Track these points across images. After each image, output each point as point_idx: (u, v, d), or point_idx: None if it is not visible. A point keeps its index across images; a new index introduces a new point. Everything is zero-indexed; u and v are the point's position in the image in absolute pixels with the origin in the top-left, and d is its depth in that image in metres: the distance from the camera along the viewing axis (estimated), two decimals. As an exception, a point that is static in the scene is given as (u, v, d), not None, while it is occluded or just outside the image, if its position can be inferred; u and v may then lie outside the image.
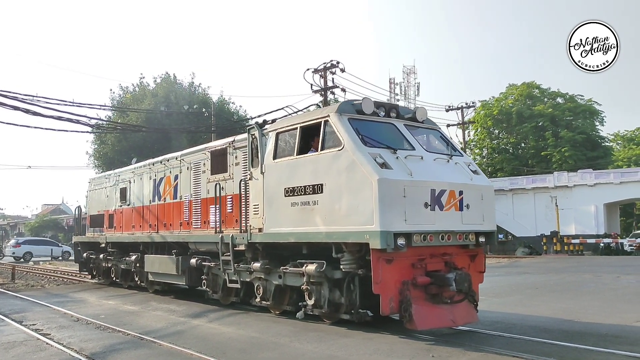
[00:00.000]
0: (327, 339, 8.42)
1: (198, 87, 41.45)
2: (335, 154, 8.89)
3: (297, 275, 9.84)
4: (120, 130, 33.78)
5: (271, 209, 10.06)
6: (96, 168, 39.25)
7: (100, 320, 10.50)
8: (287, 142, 10.05)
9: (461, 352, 7.44)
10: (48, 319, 11.11)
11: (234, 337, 8.80)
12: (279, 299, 10.67)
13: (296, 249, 9.99)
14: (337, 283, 9.34)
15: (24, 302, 14.08)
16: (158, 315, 11.33)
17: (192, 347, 7.93)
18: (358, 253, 8.81)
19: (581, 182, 41.77)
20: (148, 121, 34.54)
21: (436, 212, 8.61)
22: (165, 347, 8.07)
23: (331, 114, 9.20)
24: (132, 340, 8.71)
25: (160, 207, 14.32)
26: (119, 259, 16.20)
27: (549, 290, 15.03)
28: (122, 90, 40.49)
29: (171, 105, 36.34)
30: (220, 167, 12.10)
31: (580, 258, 33.40)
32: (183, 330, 9.53)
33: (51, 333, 9.41)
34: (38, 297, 15.01)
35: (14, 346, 8.38)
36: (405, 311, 8.27)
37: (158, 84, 39.98)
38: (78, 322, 10.69)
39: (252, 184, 10.62)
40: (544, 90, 51.05)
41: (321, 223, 9.05)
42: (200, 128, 32.92)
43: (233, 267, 11.04)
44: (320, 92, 27.57)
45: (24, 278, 22.32)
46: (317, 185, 9.14)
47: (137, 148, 33.35)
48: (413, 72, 66.81)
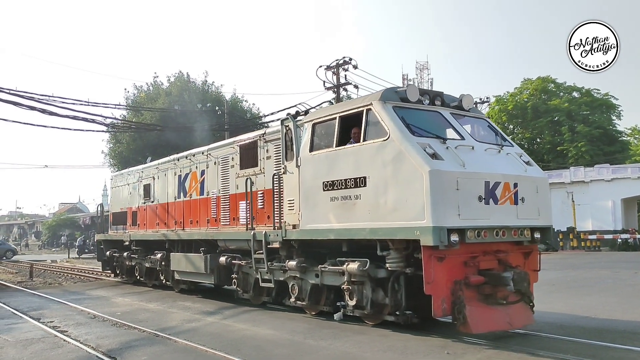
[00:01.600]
0: (341, 336, 8.22)
1: (211, 86, 40.88)
2: (380, 144, 8.13)
3: (337, 274, 9.11)
4: (134, 129, 33.53)
5: (308, 205, 9.32)
6: (112, 167, 38.76)
7: (116, 318, 10.35)
8: (325, 133, 9.30)
9: (476, 349, 7.19)
10: (65, 316, 10.97)
11: (249, 334, 8.61)
12: (315, 299, 9.94)
13: (334, 247, 9.27)
14: (380, 282, 8.60)
15: (42, 300, 13.91)
16: (173, 313, 11.09)
17: (206, 343, 7.81)
18: (405, 250, 8.06)
19: (598, 177, 40.64)
20: (162, 120, 33.98)
21: (490, 206, 7.84)
22: (180, 344, 7.98)
23: (374, 102, 8.43)
24: (147, 337, 8.61)
25: (186, 203, 13.61)
26: (144, 257, 15.50)
27: (566, 287, 14.36)
28: (136, 90, 40.02)
29: (185, 103, 35.74)
30: (250, 162, 11.36)
31: (597, 254, 32.38)
32: (198, 327, 9.34)
33: (68, 330, 9.31)
34: (55, 294, 14.83)
35: (32, 343, 8.35)
36: (458, 313, 7.52)
37: (172, 82, 39.45)
38: (95, 319, 10.54)
39: (287, 179, 9.88)
40: (559, 84, 49.78)
41: (364, 218, 8.30)
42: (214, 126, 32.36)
43: (266, 265, 10.31)
44: (333, 89, 26.94)
45: (41, 276, 22.11)
46: (360, 178, 8.39)
47: (152, 147, 32.85)
48: (426, 68, 65.97)
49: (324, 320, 9.51)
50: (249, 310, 11.01)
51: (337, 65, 26.44)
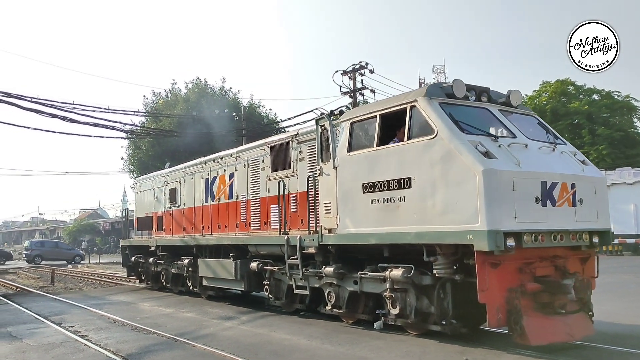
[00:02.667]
0: (358, 341, 8.08)
1: (228, 92, 40.55)
2: (427, 143, 7.53)
3: (377, 281, 8.51)
4: (153, 136, 33.24)
5: (346, 208, 8.73)
6: (131, 173, 38.65)
7: (136, 322, 10.28)
8: (364, 132, 8.72)
9: (496, 355, 6.97)
10: (86, 320, 10.95)
11: (266, 339, 8.52)
12: (353, 306, 9.33)
13: (373, 252, 8.68)
14: (424, 290, 7.98)
15: (63, 305, 13.89)
16: (191, 317, 11.01)
17: (224, 348, 7.77)
18: (453, 256, 7.44)
19: (620, 181, 39.32)
20: (180, 126, 33.75)
21: (548, 208, 7.19)
22: (198, 349, 7.93)
23: (419, 98, 7.84)
24: (166, 341, 8.58)
25: (214, 207, 13.08)
26: (170, 263, 14.96)
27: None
28: (155, 96, 39.83)
29: (202, 109, 35.42)
30: (282, 163, 10.81)
31: (620, 258, 31.43)
32: (216, 332, 9.29)
33: (89, 334, 9.31)
34: (76, 299, 14.79)
35: (53, 347, 8.38)
36: (515, 323, 6.88)
37: (189, 89, 39.20)
38: (115, 323, 10.51)
39: (323, 180, 9.31)
40: (579, 87, 48.61)
41: (409, 222, 7.70)
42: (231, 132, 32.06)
43: (301, 271, 9.73)
44: (350, 94, 26.64)
45: (62, 281, 22.07)
46: (404, 179, 7.79)
47: (170, 152, 32.49)
48: (443, 72, 64.77)
49: (339, 325, 9.36)
50: (266, 315, 10.95)
51: (354, 70, 26.21)
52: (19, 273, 28.40)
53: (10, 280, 22.72)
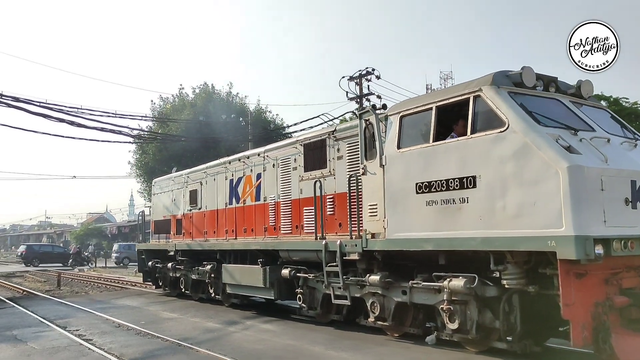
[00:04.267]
0: (362, 347, 7.89)
1: (235, 97, 39.73)
2: (496, 137, 6.55)
3: (431, 291, 7.53)
4: (160, 140, 32.83)
5: (396, 210, 7.74)
6: (138, 177, 37.99)
7: (140, 327, 10.11)
8: (417, 126, 7.75)
9: None
10: (91, 324, 10.81)
11: (270, 345, 8.35)
12: (399, 319, 8.33)
13: (425, 259, 7.69)
14: (488, 302, 6.99)
15: (68, 308, 13.72)
16: (196, 322, 10.80)
17: (228, 354, 7.60)
18: (526, 265, 6.45)
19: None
20: (187, 131, 33.18)
21: (638, 210, 6.19)
22: (202, 354, 7.80)
23: (484, 87, 6.86)
24: (170, 346, 8.44)
25: (239, 210, 12.08)
26: (190, 269, 13.94)
27: None
28: (162, 101, 39.10)
29: (209, 115, 34.86)
30: (317, 162, 9.83)
31: None
32: (220, 337, 9.12)
33: (93, 338, 9.19)
34: (82, 303, 14.57)
35: (58, 351, 8.28)
36: (603, 342, 5.89)
37: (197, 94, 38.41)
38: (119, 328, 10.36)
39: (367, 180, 8.32)
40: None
41: (473, 226, 6.71)
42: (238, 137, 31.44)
43: (341, 279, 8.72)
44: (356, 100, 26.27)
45: (69, 285, 21.83)
46: (467, 178, 6.80)
47: (177, 157, 31.85)
48: (450, 78, 63.78)
49: (344, 331, 9.09)
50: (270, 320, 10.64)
51: (360, 75, 25.98)
52: (25, 276, 28.14)
53: (16, 284, 22.55)
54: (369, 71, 25.79)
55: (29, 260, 39.94)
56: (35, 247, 43.48)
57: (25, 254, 40.87)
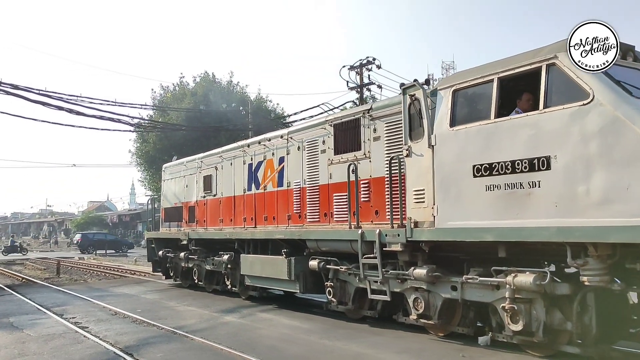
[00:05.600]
0: (357, 337, 7.80)
1: (236, 86, 38.87)
2: (577, 110, 5.57)
3: (487, 287, 6.59)
4: (160, 129, 32.13)
5: (448, 196, 6.78)
6: (138, 166, 37.41)
7: (136, 315, 9.99)
8: (474, 101, 6.79)
9: (493, 353, 6.58)
10: (87, 312, 10.71)
11: (265, 334, 8.26)
12: (446, 317, 7.38)
13: (480, 252, 6.76)
14: (557, 301, 6.05)
15: (66, 296, 13.60)
16: (192, 311, 10.66)
17: (222, 342, 7.51)
18: (610, 259, 5.50)
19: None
20: (188, 120, 32.52)
21: None
22: (196, 342, 7.72)
23: (560, 54, 5.85)
24: (165, 334, 8.35)
25: (259, 196, 11.08)
26: (204, 259, 12.98)
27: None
28: (162, 90, 38.29)
29: (210, 103, 34.09)
30: (350, 144, 8.85)
31: None
32: (215, 326, 9.00)
33: (89, 326, 9.10)
34: (80, 291, 14.45)
35: (53, 338, 8.20)
36: None
37: (197, 83, 37.64)
38: (115, 315, 10.26)
39: (412, 163, 7.34)
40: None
41: (546, 214, 5.76)
42: (238, 126, 30.62)
43: (381, 273, 7.76)
44: (356, 89, 25.38)
45: (68, 272, 21.68)
46: (539, 159, 5.84)
47: (178, 146, 31.24)
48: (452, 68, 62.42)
49: (339, 320, 8.91)
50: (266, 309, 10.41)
51: (361, 65, 25.12)
52: (26, 264, 27.74)
53: (16, 272, 22.21)
54: (370, 60, 24.97)
55: (85, 247, 41.19)
56: (89, 236, 44.75)
57: (80, 242, 42.33)
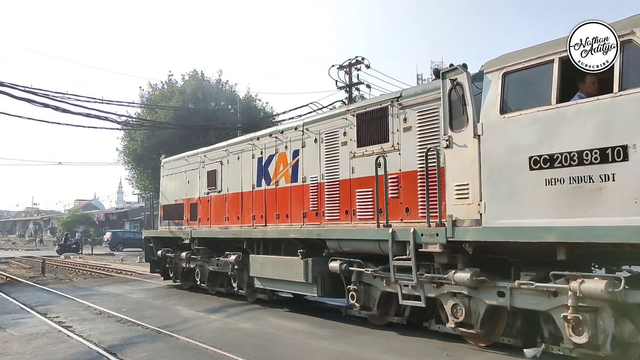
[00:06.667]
0: (342, 336, 7.70)
1: (225, 85, 38.19)
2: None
3: (543, 294, 5.80)
4: (148, 127, 31.49)
5: (499, 191, 5.99)
6: (126, 164, 36.56)
7: (121, 314, 9.80)
8: (529, 85, 6.00)
9: (477, 352, 6.52)
10: (71, 311, 10.48)
11: (250, 333, 8.16)
12: (489, 326, 6.60)
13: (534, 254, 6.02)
14: (627, 310, 5.29)
15: (51, 295, 13.33)
16: (178, 310, 10.46)
17: (207, 341, 7.41)
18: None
19: None
20: (176, 118, 31.87)
21: None
22: (181, 341, 7.59)
23: (637, 29, 5.09)
24: (149, 333, 8.22)
25: (270, 193, 10.21)
26: (207, 259, 12.07)
27: None
28: (151, 88, 37.45)
29: (199, 102, 33.70)
30: (376, 135, 8.03)
31: None
32: (200, 325, 8.83)
33: (73, 325, 8.94)
34: (64, 290, 14.16)
35: (36, 337, 8.06)
36: None
37: (186, 81, 36.95)
38: (100, 315, 10.06)
39: (453, 155, 6.54)
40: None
41: (622, 211, 5.03)
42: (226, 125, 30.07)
43: (415, 276, 6.94)
44: (345, 89, 24.87)
45: (53, 271, 21.19)
46: (614, 148, 5.08)
47: (166, 144, 30.43)
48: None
49: (325, 320, 8.80)
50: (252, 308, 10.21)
51: (350, 64, 24.56)
52: (10, 263, 26.65)
53: (1, 270, 21.45)
54: (359, 60, 24.46)
55: (114, 245, 41.27)
56: (119, 234, 44.92)
57: (111, 240, 42.42)
